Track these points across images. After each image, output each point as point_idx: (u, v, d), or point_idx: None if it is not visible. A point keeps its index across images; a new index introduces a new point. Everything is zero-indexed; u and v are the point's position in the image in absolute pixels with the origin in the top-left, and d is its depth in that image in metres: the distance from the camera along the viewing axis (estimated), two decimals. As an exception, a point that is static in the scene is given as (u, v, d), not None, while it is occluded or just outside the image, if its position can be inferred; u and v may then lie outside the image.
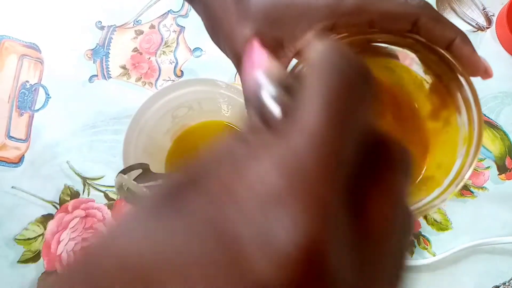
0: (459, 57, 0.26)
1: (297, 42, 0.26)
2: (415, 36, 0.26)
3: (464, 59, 0.25)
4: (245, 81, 0.26)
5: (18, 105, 0.54)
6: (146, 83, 0.53)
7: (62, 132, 0.52)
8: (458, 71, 0.26)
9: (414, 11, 0.24)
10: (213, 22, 0.27)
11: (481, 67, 0.26)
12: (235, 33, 0.25)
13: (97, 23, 0.56)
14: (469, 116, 0.26)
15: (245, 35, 0.25)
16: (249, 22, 0.25)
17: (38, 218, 0.49)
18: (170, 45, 0.54)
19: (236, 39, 0.25)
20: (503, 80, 0.50)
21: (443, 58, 0.26)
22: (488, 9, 0.52)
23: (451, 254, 0.45)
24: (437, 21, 0.25)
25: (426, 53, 0.27)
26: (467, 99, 0.26)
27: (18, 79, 0.54)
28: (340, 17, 0.25)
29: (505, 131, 0.49)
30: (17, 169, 0.52)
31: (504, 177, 0.48)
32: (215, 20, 0.26)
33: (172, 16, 0.55)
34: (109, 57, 0.55)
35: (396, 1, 0.24)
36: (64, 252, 0.48)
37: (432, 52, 0.27)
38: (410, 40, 0.27)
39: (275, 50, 0.25)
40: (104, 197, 0.50)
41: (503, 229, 0.46)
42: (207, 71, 0.53)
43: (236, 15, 0.25)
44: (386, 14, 0.25)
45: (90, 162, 0.51)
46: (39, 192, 0.50)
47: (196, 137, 0.48)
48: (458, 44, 0.25)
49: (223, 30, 0.26)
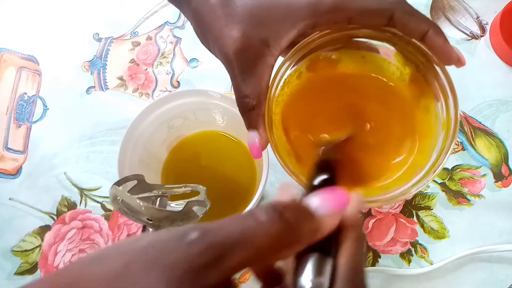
0: (433, 48, 0.27)
1: (282, 41, 0.27)
2: (392, 30, 0.28)
3: (438, 49, 0.27)
4: None
5: (16, 117, 0.54)
6: (143, 94, 0.54)
7: (59, 143, 0.53)
8: (434, 61, 0.28)
9: (389, 7, 0.26)
10: (202, 26, 0.28)
11: (454, 56, 0.27)
12: (223, 35, 0.27)
13: (95, 35, 0.56)
14: (446, 103, 0.28)
15: (232, 36, 0.26)
16: (235, 25, 0.27)
17: (35, 230, 0.49)
18: (166, 56, 0.55)
19: (225, 41, 0.27)
20: (498, 87, 0.50)
21: (419, 49, 0.28)
22: (482, 18, 0.53)
23: (449, 262, 0.45)
24: (411, 15, 0.26)
25: (403, 46, 0.29)
26: (443, 87, 0.28)
27: (16, 91, 0.55)
28: (321, 16, 0.27)
29: (500, 138, 0.49)
30: (15, 180, 0.52)
31: (501, 184, 0.47)
32: (204, 24, 0.28)
33: (168, 28, 0.56)
34: (106, 68, 0.55)
35: None
36: (62, 263, 0.48)
37: (409, 44, 0.28)
38: (388, 34, 0.28)
39: (262, 49, 0.27)
40: (101, 208, 0.50)
41: (500, 237, 0.46)
42: (204, 81, 0.54)
43: (224, 19, 0.27)
44: (363, 11, 0.26)
45: (87, 173, 0.51)
46: (36, 203, 0.51)
47: (192, 147, 0.48)
48: (431, 36, 0.27)
49: (212, 33, 0.27)
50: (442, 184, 0.48)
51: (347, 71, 0.32)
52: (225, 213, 0.43)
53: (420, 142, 0.31)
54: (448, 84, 0.28)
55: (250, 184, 0.46)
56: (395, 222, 0.47)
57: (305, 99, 0.32)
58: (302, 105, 0.32)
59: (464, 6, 0.53)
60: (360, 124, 0.32)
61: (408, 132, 0.31)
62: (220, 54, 0.28)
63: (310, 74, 0.31)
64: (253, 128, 0.29)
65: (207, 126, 0.47)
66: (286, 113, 0.31)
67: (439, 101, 0.29)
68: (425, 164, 0.29)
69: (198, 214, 0.34)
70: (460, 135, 0.49)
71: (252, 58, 0.27)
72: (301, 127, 0.32)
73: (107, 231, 0.49)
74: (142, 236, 0.17)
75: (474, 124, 0.49)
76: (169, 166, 0.47)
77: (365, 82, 0.32)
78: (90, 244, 0.48)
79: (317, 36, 0.28)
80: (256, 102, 0.28)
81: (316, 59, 0.31)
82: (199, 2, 0.28)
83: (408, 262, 0.46)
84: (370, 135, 0.32)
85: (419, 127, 0.31)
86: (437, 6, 0.54)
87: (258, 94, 0.28)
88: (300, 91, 0.31)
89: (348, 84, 0.32)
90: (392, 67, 0.31)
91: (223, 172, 0.47)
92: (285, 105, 0.31)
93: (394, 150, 0.31)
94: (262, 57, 0.27)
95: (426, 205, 0.47)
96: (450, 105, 0.28)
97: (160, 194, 0.36)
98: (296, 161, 0.30)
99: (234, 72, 0.27)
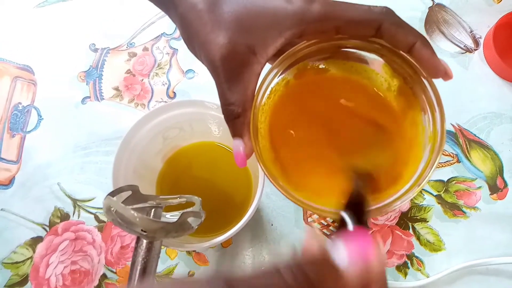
0: (420, 60, 0.27)
1: (269, 49, 0.27)
2: (380, 41, 0.28)
3: (425, 61, 0.27)
4: None
5: (10, 126, 0.54)
6: (138, 104, 0.53)
7: (53, 153, 0.52)
8: (421, 74, 0.28)
9: (377, 18, 0.26)
10: (189, 32, 0.28)
11: (441, 68, 0.27)
12: (209, 41, 0.26)
13: (91, 45, 0.56)
14: (433, 116, 0.28)
15: (219, 43, 0.26)
16: (222, 31, 0.26)
17: (27, 241, 0.49)
18: (163, 67, 0.55)
19: (211, 47, 0.26)
20: (492, 100, 0.51)
21: (406, 61, 0.28)
22: (475, 32, 0.53)
23: (445, 275, 0.44)
24: (399, 26, 0.26)
25: (391, 57, 0.29)
26: (430, 100, 0.28)
27: (10, 100, 0.55)
28: (308, 25, 0.26)
29: (495, 151, 0.49)
30: (7, 191, 0.51)
31: (496, 197, 0.47)
32: (191, 29, 0.27)
33: (165, 39, 0.56)
34: (102, 79, 0.55)
35: (360, 8, 0.26)
36: (53, 275, 0.47)
37: (396, 56, 0.28)
38: (376, 45, 0.28)
39: (248, 56, 0.27)
40: (94, 219, 0.49)
41: (496, 250, 0.46)
42: (200, 92, 0.54)
43: (210, 25, 0.27)
44: (351, 21, 0.26)
45: (81, 184, 0.51)
46: (29, 214, 0.50)
47: (187, 158, 0.48)
48: (418, 48, 0.27)
49: (198, 38, 0.27)
50: (438, 196, 0.48)
51: (335, 82, 0.32)
52: (220, 224, 0.43)
53: (407, 155, 0.30)
54: (435, 97, 0.28)
55: (245, 195, 0.46)
56: (391, 235, 0.47)
57: (292, 109, 0.31)
58: (288, 115, 0.31)
59: (458, 20, 0.54)
60: (347, 138, 0.31)
61: (396, 145, 0.31)
62: (206, 61, 0.27)
63: (298, 83, 0.31)
64: (238, 136, 0.28)
65: (203, 137, 0.47)
66: (272, 123, 0.31)
67: (426, 113, 0.29)
68: (409, 177, 0.28)
69: (193, 226, 0.34)
70: (455, 147, 0.49)
71: (238, 65, 0.27)
72: (287, 138, 0.31)
73: (100, 243, 0.48)
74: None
75: (469, 137, 0.49)
76: (164, 177, 0.47)
77: (353, 93, 0.32)
78: (82, 256, 0.48)
79: (304, 45, 0.28)
80: (241, 110, 0.27)
81: (303, 68, 0.31)
82: (186, 7, 0.27)
83: (404, 275, 0.46)
84: (357, 147, 0.31)
85: (405, 140, 0.31)
86: (432, 20, 0.54)
87: (243, 102, 0.27)
88: (287, 100, 0.31)
89: (336, 95, 0.32)
90: (380, 78, 0.31)
91: (219, 183, 0.47)
92: (271, 114, 0.31)
93: (380, 163, 0.31)
94: (248, 65, 0.27)
95: (422, 217, 0.47)
96: (436, 118, 0.28)
97: (155, 205, 0.36)
98: (281, 172, 0.30)
99: (219, 79, 0.27)
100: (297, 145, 0.31)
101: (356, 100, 0.32)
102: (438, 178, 0.48)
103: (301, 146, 0.31)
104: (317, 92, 0.32)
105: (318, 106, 0.32)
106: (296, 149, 0.31)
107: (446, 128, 0.49)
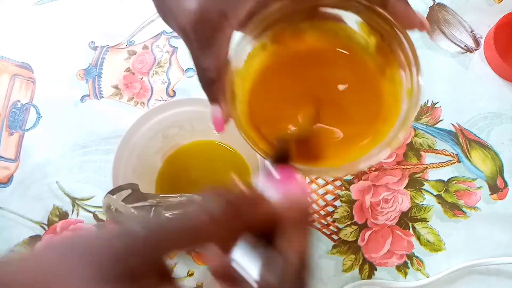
0: (395, 14, 0.27)
1: (240, 11, 0.26)
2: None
3: (400, 14, 0.27)
4: None
5: (9, 124, 0.53)
6: (138, 102, 0.53)
7: (52, 152, 0.52)
8: (396, 27, 0.27)
9: None
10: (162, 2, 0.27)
11: (416, 20, 0.27)
12: (179, 7, 0.26)
13: (90, 43, 0.56)
14: (410, 71, 0.28)
15: (189, 8, 0.26)
16: None
17: (25, 240, 0.48)
18: (162, 65, 0.55)
19: (181, 13, 0.26)
20: (492, 100, 0.51)
21: (381, 16, 0.28)
22: (476, 31, 0.53)
23: (445, 275, 0.44)
24: None
25: (367, 14, 0.28)
26: (407, 54, 0.28)
27: (9, 98, 0.54)
28: None
29: (495, 151, 0.49)
30: (6, 189, 0.51)
31: (496, 197, 0.47)
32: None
33: (165, 37, 0.56)
34: (101, 77, 0.55)
35: None
36: (51, 274, 0.47)
37: (372, 12, 0.28)
38: (352, 2, 0.28)
39: (220, 20, 0.26)
40: (93, 218, 0.49)
41: (497, 250, 0.46)
42: (200, 91, 0.52)
43: None
44: None
45: (80, 183, 0.50)
46: (27, 213, 0.50)
47: (187, 156, 0.48)
48: (392, 1, 0.27)
49: (170, 6, 0.27)
50: (438, 196, 0.48)
51: (313, 43, 0.31)
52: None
53: (386, 111, 0.30)
54: (411, 51, 0.27)
55: (245, 194, 0.46)
56: (391, 234, 0.47)
57: (269, 72, 0.31)
58: (266, 78, 0.31)
59: (459, 20, 0.54)
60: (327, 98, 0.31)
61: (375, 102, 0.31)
62: (177, 27, 0.27)
63: (275, 46, 0.31)
64: (215, 102, 0.28)
65: (203, 135, 0.47)
66: (251, 87, 0.31)
67: (404, 69, 0.28)
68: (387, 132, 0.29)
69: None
70: (455, 147, 0.49)
71: (210, 30, 0.26)
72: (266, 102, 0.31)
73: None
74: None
75: (469, 137, 0.49)
76: (163, 176, 0.47)
77: (332, 53, 0.31)
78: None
79: (278, 6, 0.27)
80: (216, 75, 0.27)
81: (280, 31, 0.30)
82: None
83: (404, 275, 0.46)
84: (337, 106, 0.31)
85: (386, 97, 0.31)
86: (432, 20, 0.54)
87: (217, 67, 0.27)
88: (265, 65, 0.31)
89: (315, 56, 0.31)
90: (358, 37, 0.30)
91: (219, 182, 0.47)
92: (249, 79, 0.30)
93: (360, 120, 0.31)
94: (220, 29, 0.26)
95: (422, 217, 0.47)
96: (413, 73, 0.28)
97: (155, 203, 0.36)
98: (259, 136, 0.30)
99: (192, 45, 0.27)
100: (275, 107, 0.31)
101: (335, 60, 0.31)
102: (438, 178, 0.48)
103: (278, 108, 0.31)
104: (295, 54, 0.31)
105: (297, 69, 0.31)
106: (273, 110, 0.31)
107: (446, 127, 0.49)
